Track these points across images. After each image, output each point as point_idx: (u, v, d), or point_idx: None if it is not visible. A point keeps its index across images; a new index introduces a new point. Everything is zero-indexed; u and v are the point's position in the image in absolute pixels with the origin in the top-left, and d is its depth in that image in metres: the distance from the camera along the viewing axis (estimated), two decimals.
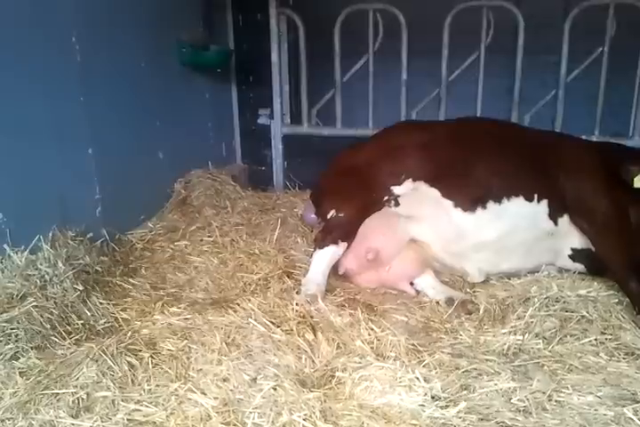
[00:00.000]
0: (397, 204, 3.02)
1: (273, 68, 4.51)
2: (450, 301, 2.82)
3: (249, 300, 2.60)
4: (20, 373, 2.15)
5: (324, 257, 2.90)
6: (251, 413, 1.92)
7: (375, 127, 4.00)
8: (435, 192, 2.96)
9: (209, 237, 3.46)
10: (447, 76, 4.24)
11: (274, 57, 4.48)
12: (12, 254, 2.62)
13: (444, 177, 2.96)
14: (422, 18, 4.16)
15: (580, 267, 3.06)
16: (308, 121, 4.57)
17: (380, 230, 2.98)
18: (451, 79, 4.29)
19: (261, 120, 4.71)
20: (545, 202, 2.94)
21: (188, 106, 4.12)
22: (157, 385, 2.09)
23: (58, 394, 2.03)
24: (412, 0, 4.35)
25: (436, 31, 4.12)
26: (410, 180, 2.98)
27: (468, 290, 3.00)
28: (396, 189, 3.00)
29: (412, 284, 3.04)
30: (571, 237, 3.00)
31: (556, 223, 2.96)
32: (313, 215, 3.38)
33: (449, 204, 2.93)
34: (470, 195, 2.92)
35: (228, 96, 4.73)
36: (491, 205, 2.91)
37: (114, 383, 2.08)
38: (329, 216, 3.02)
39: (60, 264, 2.69)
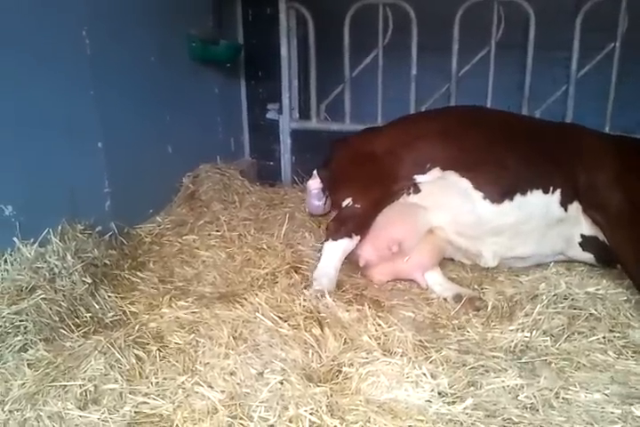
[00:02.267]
0: (417, 190, 3.00)
1: (282, 62, 4.50)
2: (457, 297, 2.82)
3: (256, 294, 2.60)
4: (28, 364, 2.17)
5: (337, 250, 2.88)
6: (257, 407, 1.93)
7: (384, 122, 3.98)
8: (465, 183, 2.93)
9: (217, 231, 3.46)
10: (457, 72, 4.22)
11: (283, 52, 4.47)
12: (21, 247, 2.63)
13: (475, 168, 2.93)
14: (432, 12, 4.13)
15: (589, 257, 3.06)
16: (317, 116, 4.56)
17: (401, 222, 2.96)
18: (460, 74, 4.26)
19: (270, 115, 4.70)
20: (558, 192, 2.94)
21: (198, 100, 4.13)
22: (165, 378, 2.11)
23: (66, 386, 2.05)
24: None
25: (447, 26, 4.09)
26: (437, 168, 2.96)
27: (476, 287, 2.99)
28: (420, 178, 2.98)
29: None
30: (580, 224, 3.00)
31: (566, 210, 2.95)
32: (317, 202, 3.34)
33: (478, 195, 2.91)
34: (502, 188, 2.91)
35: (237, 91, 4.73)
36: (517, 197, 2.91)
37: (121, 376, 2.10)
38: (344, 204, 2.98)
39: (69, 257, 2.70)
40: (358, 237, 2.92)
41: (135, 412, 1.95)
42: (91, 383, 2.06)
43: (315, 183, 3.35)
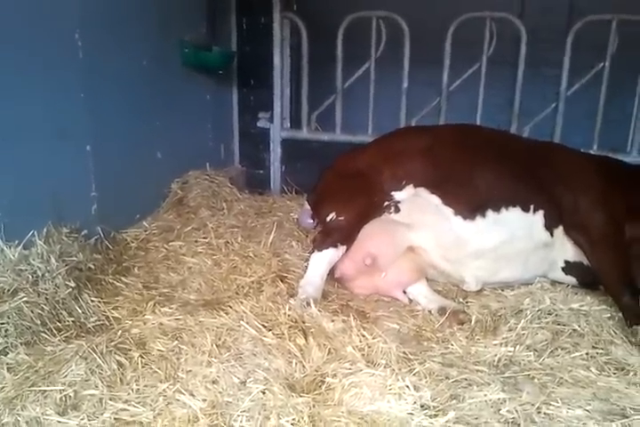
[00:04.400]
0: (398, 210, 3.02)
1: (274, 71, 4.52)
2: (442, 310, 2.82)
3: (241, 302, 2.59)
4: (7, 368, 2.14)
5: (323, 260, 2.89)
6: (239, 416, 1.92)
7: (374, 134, 4.01)
8: (435, 199, 2.97)
9: (204, 238, 3.44)
10: (448, 86, 4.25)
11: (276, 61, 4.49)
12: (5, 249, 2.60)
13: (445, 184, 2.97)
14: (425, 27, 4.16)
15: (571, 280, 3.07)
16: (308, 126, 4.57)
17: (378, 236, 2.97)
18: (451, 89, 4.30)
19: (261, 123, 4.70)
20: (541, 213, 2.95)
21: (189, 106, 4.12)
22: (146, 385, 2.08)
23: (45, 391, 2.02)
24: (415, 8, 4.37)
25: (439, 40, 4.13)
26: (411, 186, 3.00)
27: (461, 300, 2.99)
28: (397, 195, 3.01)
29: (404, 292, 3.04)
30: (565, 250, 3.01)
31: (551, 235, 2.97)
32: (310, 220, 3.38)
33: (449, 211, 2.94)
34: (470, 203, 2.93)
35: (229, 98, 4.73)
36: (489, 213, 2.92)
37: (102, 382, 2.07)
38: (329, 219, 3.02)
39: (53, 260, 2.67)
40: (344, 247, 2.93)
41: (115, 419, 1.93)
42: (71, 389, 2.03)
43: (307, 205, 3.44)
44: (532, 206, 2.95)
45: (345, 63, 4.35)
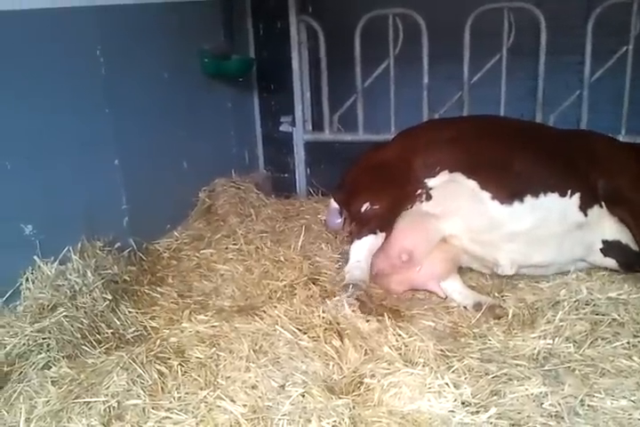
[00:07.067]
0: (429, 197, 3.02)
1: (294, 75, 4.52)
2: (477, 305, 2.80)
3: (275, 307, 2.61)
4: (52, 382, 2.19)
5: (364, 246, 2.91)
6: (280, 420, 1.93)
7: (397, 132, 3.98)
8: (472, 183, 2.96)
9: (234, 244, 3.47)
10: (469, 79, 4.22)
11: (294, 65, 4.50)
12: (42, 265, 2.67)
13: (481, 169, 2.97)
14: (443, 21, 4.13)
15: (611, 262, 3.04)
16: (330, 127, 4.56)
17: (412, 232, 2.97)
18: (473, 82, 4.26)
19: (283, 127, 4.72)
20: (577, 195, 2.94)
21: (211, 115, 4.16)
22: (187, 393, 2.11)
23: (89, 402, 2.06)
24: (432, 3, 4.33)
25: (457, 34, 4.09)
26: (446, 171, 3.00)
27: (496, 294, 2.97)
28: (431, 182, 3.02)
29: None
30: (601, 229, 3.00)
31: (585, 215, 2.95)
32: (338, 220, 3.37)
33: (486, 195, 2.94)
34: (510, 189, 2.93)
35: (250, 104, 4.75)
36: (528, 199, 2.92)
37: (144, 391, 2.11)
38: (363, 209, 3.02)
39: (89, 274, 2.73)
40: (383, 234, 2.94)
41: None
42: (114, 399, 2.07)
43: (334, 203, 3.43)
44: (569, 191, 2.94)
45: (363, 62, 4.33)
